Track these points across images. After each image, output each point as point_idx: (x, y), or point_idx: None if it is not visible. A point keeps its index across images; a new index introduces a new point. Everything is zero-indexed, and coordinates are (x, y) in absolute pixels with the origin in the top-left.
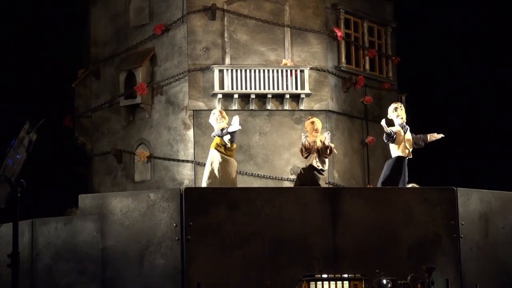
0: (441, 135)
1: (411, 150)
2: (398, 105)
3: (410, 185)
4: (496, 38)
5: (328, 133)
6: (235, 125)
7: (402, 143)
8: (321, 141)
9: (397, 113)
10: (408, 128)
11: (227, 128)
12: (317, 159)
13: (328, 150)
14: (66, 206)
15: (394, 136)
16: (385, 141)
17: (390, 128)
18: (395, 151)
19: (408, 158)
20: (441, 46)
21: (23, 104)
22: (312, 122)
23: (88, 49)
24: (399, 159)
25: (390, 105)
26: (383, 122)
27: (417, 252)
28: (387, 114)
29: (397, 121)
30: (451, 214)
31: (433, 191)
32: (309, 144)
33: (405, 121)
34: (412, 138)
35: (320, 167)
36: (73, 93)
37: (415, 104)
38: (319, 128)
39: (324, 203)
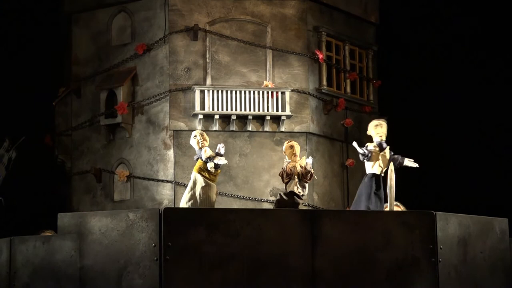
0: (416, 165)
1: (385, 169)
2: (379, 122)
3: (394, 204)
4: (476, 62)
5: (311, 158)
6: (222, 159)
7: (377, 161)
8: (301, 166)
9: (376, 130)
10: (388, 147)
11: (214, 158)
12: (298, 185)
13: (309, 175)
14: (39, 228)
15: (369, 155)
16: (361, 159)
17: (366, 146)
18: (369, 168)
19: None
20: (422, 70)
21: (3, 121)
22: (291, 146)
23: (70, 68)
24: (373, 176)
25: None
26: (354, 143)
27: (395, 276)
28: (368, 136)
29: (376, 139)
30: (429, 238)
31: (411, 215)
32: (290, 170)
33: (384, 139)
34: (389, 157)
35: (301, 193)
36: (54, 111)
37: (395, 127)
38: (297, 153)
39: (303, 225)
